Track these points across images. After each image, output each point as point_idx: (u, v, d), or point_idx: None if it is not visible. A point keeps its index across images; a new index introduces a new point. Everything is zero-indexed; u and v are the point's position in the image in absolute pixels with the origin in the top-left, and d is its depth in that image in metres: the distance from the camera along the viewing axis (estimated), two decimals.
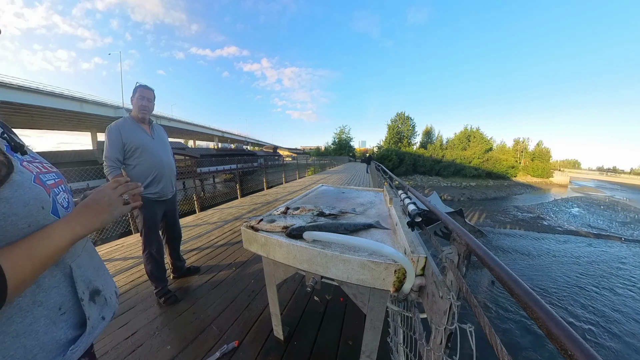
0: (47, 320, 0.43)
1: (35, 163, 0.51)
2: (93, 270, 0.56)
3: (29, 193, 0.42)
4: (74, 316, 0.48)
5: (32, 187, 0.44)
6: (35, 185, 0.45)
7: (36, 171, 0.48)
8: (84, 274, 0.52)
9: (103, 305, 0.55)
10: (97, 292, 0.54)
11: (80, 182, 8.71)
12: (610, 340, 4.92)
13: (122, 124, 1.66)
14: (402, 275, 0.79)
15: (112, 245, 2.99)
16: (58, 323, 0.45)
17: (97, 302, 0.53)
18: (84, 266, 0.52)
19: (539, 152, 42.76)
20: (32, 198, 0.42)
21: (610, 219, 16.72)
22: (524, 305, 0.38)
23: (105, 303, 0.56)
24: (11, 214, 0.39)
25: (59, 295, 0.46)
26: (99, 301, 0.54)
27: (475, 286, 6.62)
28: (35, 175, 0.46)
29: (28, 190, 0.42)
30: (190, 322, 1.61)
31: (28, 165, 0.47)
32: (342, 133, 54.36)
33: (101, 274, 0.60)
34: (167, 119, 35.24)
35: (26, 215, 0.41)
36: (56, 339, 0.44)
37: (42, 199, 0.45)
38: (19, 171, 0.43)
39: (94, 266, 0.57)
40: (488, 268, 0.49)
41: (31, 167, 0.48)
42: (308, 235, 0.96)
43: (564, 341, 0.31)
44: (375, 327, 1.01)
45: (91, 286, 0.53)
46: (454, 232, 0.64)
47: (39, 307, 0.42)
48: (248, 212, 4.71)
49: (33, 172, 0.46)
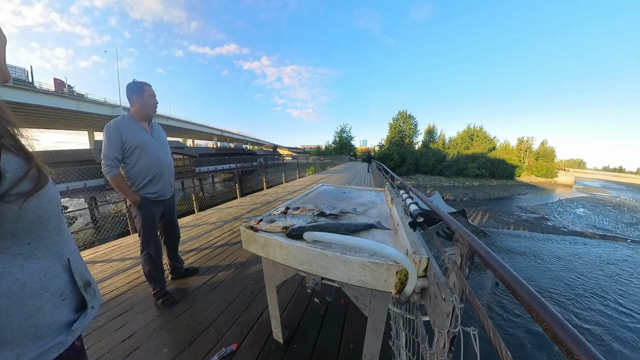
0: (52, 304, 0.50)
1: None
2: (83, 265, 0.63)
3: (52, 192, 0.52)
4: (72, 302, 0.56)
5: (53, 187, 0.53)
6: (54, 185, 0.54)
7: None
8: (79, 266, 0.59)
9: (93, 296, 0.62)
10: (89, 284, 0.61)
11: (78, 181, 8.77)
12: (619, 344, 4.83)
13: (122, 122, 1.64)
14: (404, 277, 0.77)
15: (110, 246, 2.98)
16: (61, 307, 0.52)
17: (88, 292, 0.59)
18: (77, 260, 0.60)
19: (544, 152, 42.50)
20: (53, 196, 0.52)
21: (617, 219, 16.54)
22: (529, 307, 0.37)
23: (95, 295, 0.63)
24: (39, 207, 0.47)
25: (60, 283, 0.53)
26: (89, 292, 0.60)
27: (478, 288, 6.56)
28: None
29: (51, 189, 0.51)
30: (188, 325, 1.59)
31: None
32: (342, 132, 54.34)
33: (88, 270, 0.67)
34: (165, 118, 35.38)
35: (48, 210, 0.50)
36: (59, 320, 0.52)
37: (59, 197, 0.55)
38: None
39: (82, 261, 0.64)
40: (491, 269, 0.49)
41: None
42: (308, 236, 0.94)
43: (570, 345, 0.30)
44: (376, 330, 0.99)
45: (84, 278, 0.60)
46: (457, 233, 0.64)
47: (46, 293, 0.49)
48: (247, 212, 4.70)
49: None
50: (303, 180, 10.58)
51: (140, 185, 1.70)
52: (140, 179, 1.69)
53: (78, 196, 9.54)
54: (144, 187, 1.71)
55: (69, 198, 10.08)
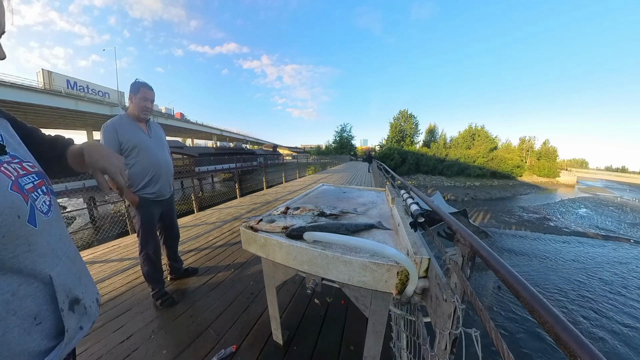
0: (20, 329, 0.41)
1: (14, 164, 0.48)
2: (74, 277, 0.53)
3: (4, 202, 0.40)
4: (50, 326, 0.46)
5: (8, 196, 0.41)
6: (12, 193, 0.42)
7: (15, 175, 0.46)
8: (64, 282, 0.49)
9: (82, 315, 0.53)
10: (77, 301, 0.52)
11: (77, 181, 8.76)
12: (622, 346, 4.79)
13: (119, 122, 1.63)
14: (405, 277, 0.76)
15: (109, 246, 2.98)
16: (32, 333, 0.42)
17: (76, 311, 0.51)
18: (64, 274, 0.50)
19: (546, 151, 42.30)
20: (7, 207, 0.40)
21: (619, 220, 16.46)
22: (531, 309, 0.37)
23: (85, 312, 0.53)
24: None
25: (34, 304, 0.43)
26: (78, 310, 0.51)
27: (480, 289, 6.52)
28: (14, 180, 0.44)
29: (3, 199, 0.40)
30: (187, 326, 1.59)
31: (6, 169, 0.45)
32: (343, 131, 54.34)
33: (83, 281, 0.57)
34: (164, 117, 35.39)
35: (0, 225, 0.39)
36: (29, 350, 0.42)
37: (18, 207, 0.42)
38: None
39: (75, 272, 0.55)
40: (493, 270, 0.48)
41: (10, 171, 0.45)
42: (308, 236, 0.94)
43: (572, 346, 0.30)
44: (377, 331, 0.98)
45: (71, 295, 0.50)
46: (458, 233, 0.63)
47: (12, 316, 0.40)
48: (247, 212, 4.69)
49: (11, 177, 0.44)
50: (303, 180, 10.58)
51: (139, 187, 1.69)
52: (139, 180, 1.69)
53: (77, 196, 9.56)
54: (143, 187, 1.71)
55: (67, 198, 10.12)
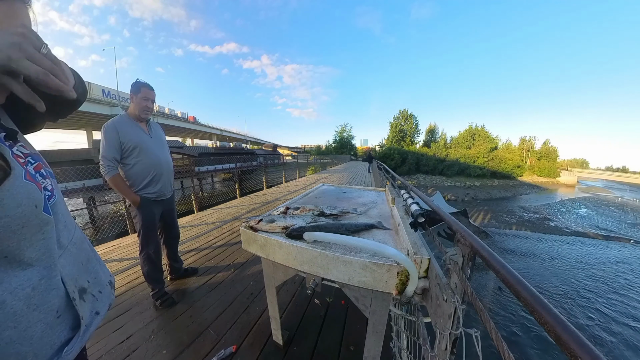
0: (43, 324, 0.40)
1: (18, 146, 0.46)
2: (79, 265, 0.52)
3: (22, 192, 0.40)
4: (70, 317, 0.46)
5: (24, 185, 0.41)
6: (27, 183, 0.42)
7: (23, 161, 0.44)
8: (70, 272, 0.49)
9: (93, 302, 0.52)
10: (84, 290, 0.51)
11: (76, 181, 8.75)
12: (624, 347, 4.78)
13: (119, 122, 1.63)
14: (405, 278, 0.76)
15: (109, 246, 2.98)
16: (55, 327, 0.42)
17: (86, 299, 0.50)
18: (69, 263, 0.49)
19: (546, 151, 42.22)
20: (25, 197, 0.40)
21: (620, 220, 16.42)
22: (531, 309, 0.37)
23: (95, 299, 0.53)
24: (4, 216, 0.36)
25: (57, 298, 0.43)
26: (87, 298, 0.51)
27: (480, 289, 6.51)
28: (26, 170, 0.43)
29: (21, 189, 0.40)
30: (187, 326, 1.58)
31: (18, 158, 0.44)
32: (343, 131, 54.32)
33: (90, 268, 0.56)
34: (164, 117, 35.38)
35: (19, 217, 0.39)
36: (51, 343, 0.42)
37: (35, 197, 0.42)
38: (13, 169, 0.40)
39: (80, 260, 0.53)
40: (493, 270, 0.48)
41: (20, 157, 0.44)
42: (308, 236, 0.94)
43: (573, 347, 0.30)
44: (377, 331, 0.98)
45: (78, 284, 0.50)
46: (458, 233, 0.63)
47: (34, 312, 0.39)
48: (247, 212, 4.69)
49: (24, 166, 0.43)
50: (303, 180, 10.57)
51: (140, 186, 1.69)
52: (140, 180, 1.68)
53: (77, 196, 9.56)
54: (144, 187, 1.71)
55: (67, 198, 10.11)
